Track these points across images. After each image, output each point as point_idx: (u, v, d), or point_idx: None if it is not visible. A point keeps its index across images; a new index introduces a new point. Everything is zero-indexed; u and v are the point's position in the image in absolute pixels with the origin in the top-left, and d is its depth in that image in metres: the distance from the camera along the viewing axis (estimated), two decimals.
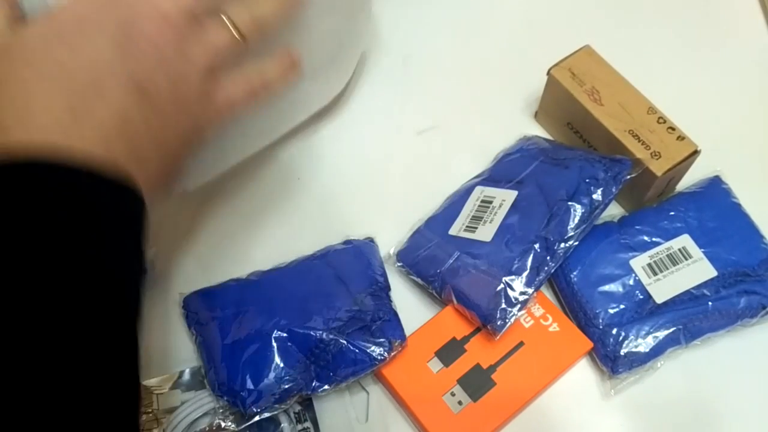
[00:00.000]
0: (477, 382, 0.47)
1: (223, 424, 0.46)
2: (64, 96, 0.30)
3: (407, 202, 0.56)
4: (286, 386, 0.45)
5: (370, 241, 0.53)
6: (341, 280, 0.49)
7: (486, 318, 0.47)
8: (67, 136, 0.29)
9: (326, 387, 0.46)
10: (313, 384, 0.45)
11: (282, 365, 0.45)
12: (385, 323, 0.47)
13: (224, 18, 0.35)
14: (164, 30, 0.33)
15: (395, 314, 0.49)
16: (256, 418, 0.45)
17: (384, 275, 0.51)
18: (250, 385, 0.45)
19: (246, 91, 0.38)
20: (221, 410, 0.46)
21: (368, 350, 0.46)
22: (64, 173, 0.29)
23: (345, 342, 0.46)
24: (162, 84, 0.33)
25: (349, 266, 0.51)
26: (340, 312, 0.48)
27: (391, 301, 0.49)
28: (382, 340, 0.47)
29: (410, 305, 0.52)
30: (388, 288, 0.50)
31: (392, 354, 0.47)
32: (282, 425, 0.46)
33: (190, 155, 0.37)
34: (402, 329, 0.48)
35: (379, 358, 0.46)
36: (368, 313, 0.48)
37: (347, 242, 0.53)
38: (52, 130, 0.29)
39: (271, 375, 0.45)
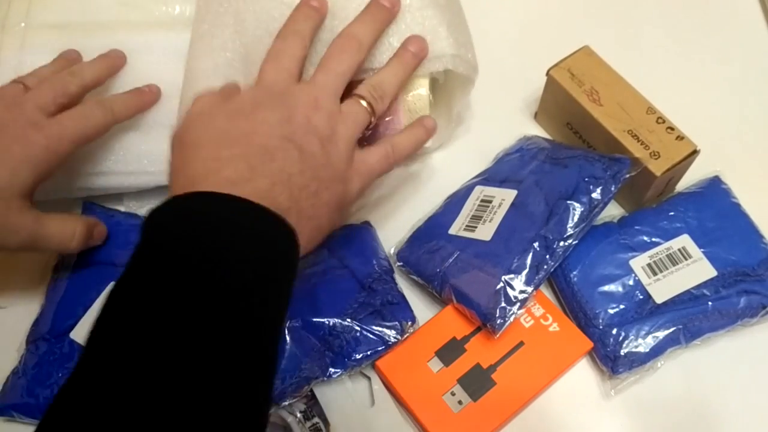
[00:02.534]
0: (477, 382, 0.47)
1: None
2: (245, 157, 0.38)
3: (407, 202, 0.56)
4: (304, 375, 0.46)
5: (367, 224, 0.54)
6: (346, 267, 0.50)
7: (486, 316, 0.47)
8: (242, 188, 0.36)
9: (340, 371, 0.47)
10: (329, 370, 0.46)
11: (297, 354, 0.46)
12: (394, 306, 0.49)
13: (360, 100, 0.45)
14: (319, 113, 0.42)
15: (403, 296, 0.50)
16: (273, 409, 0.46)
17: (386, 258, 0.52)
18: None
19: (383, 158, 0.46)
20: None
21: (382, 334, 0.47)
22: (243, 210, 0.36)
23: (359, 328, 0.47)
24: (316, 146, 0.40)
25: (352, 252, 0.51)
26: (349, 299, 0.48)
27: (396, 283, 0.50)
28: (394, 323, 0.48)
29: (410, 305, 0.51)
30: (392, 270, 0.51)
31: (405, 335, 0.48)
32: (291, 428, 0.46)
33: (336, 223, 0.44)
34: (411, 310, 0.49)
35: (392, 340, 0.48)
36: (377, 298, 0.49)
37: (343, 227, 0.53)
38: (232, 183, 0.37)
39: (288, 365, 0.46)
